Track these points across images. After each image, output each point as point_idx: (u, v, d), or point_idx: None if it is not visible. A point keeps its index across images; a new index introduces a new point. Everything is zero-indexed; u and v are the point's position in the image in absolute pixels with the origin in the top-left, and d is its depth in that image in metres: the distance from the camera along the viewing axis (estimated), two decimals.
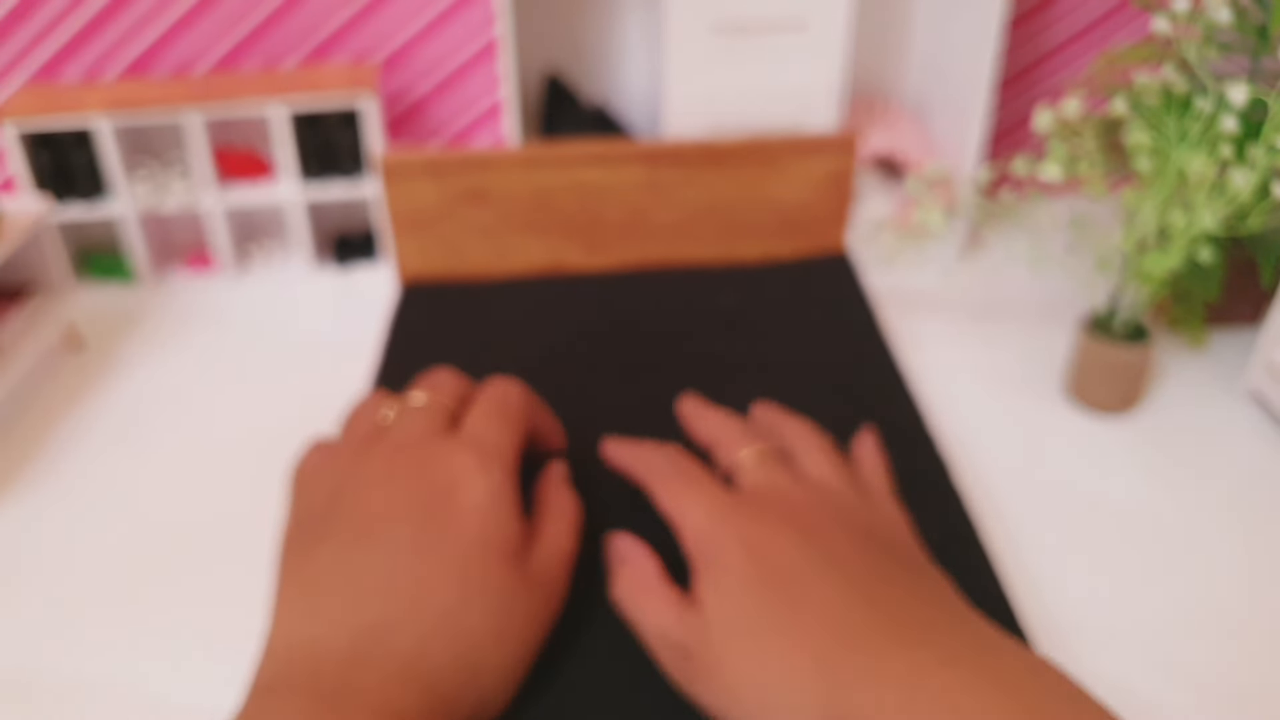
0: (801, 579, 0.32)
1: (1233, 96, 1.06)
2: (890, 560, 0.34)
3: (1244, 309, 1.30)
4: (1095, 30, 1.80)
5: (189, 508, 0.71)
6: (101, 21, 1.83)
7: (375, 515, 0.35)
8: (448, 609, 0.32)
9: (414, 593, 0.32)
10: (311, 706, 0.29)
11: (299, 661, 0.31)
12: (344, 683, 0.30)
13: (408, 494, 0.35)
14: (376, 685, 0.30)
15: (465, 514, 0.34)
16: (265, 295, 1.17)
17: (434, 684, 0.31)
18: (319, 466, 0.39)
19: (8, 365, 0.82)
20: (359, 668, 0.30)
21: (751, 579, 0.33)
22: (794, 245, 0.62)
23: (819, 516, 0.35)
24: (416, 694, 0.30)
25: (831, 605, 0.31)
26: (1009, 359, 0.77)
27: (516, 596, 0.34)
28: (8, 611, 0.65)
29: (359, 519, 0.35)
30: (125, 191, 1.28)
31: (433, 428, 0.38)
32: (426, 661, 0.31)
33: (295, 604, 0.33)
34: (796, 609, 0.31)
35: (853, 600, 0.31)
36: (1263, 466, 0.69)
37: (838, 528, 0.35)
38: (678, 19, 1.06)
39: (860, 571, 0.33)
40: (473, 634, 0.32)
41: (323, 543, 0.35)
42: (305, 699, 0.29)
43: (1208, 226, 0.75)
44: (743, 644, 0.31)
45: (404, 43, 1.91)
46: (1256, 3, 1.45)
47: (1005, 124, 1.90)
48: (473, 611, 0.33)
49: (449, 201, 0.59)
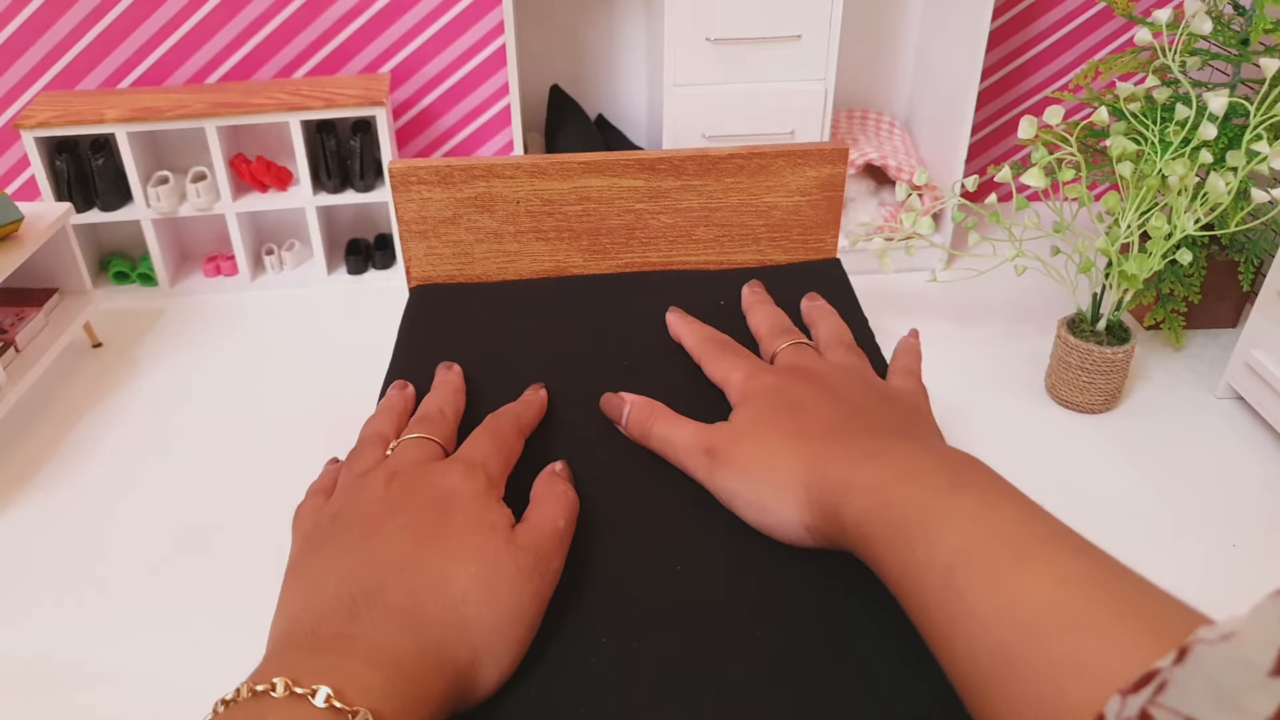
0: (809, 404, 0.43)
1: (1212, 104, 1.10)
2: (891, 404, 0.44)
3: (1223, 311, 1.33)
4: (1074, 40, 1.83)
5: (206, 503, 0.73)
6: (120, 31, 1.87)
7: (374, 519, 0.38)
8: (439, 570, 0.36)
9: (405, 562, 0.36)
10: (310, 657, 0.32)
11: (301, 627, 0.34)
12: (341, 633, 0.33)
13: (404, 501, 0.39)
14: (372, 632, 0.33)
15: (454, 509, 0.39)
16: (280, 298, 1.21)
17: (428, 634, 0.34)
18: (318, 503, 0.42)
19: (28, 365, 0.85)
20: (355, 620, 0.34)
21: (771, 403, 0.44)
22: (787, 251, 0.65)
23: (837, 378, 0.46)
24: (411, 642, 0.33)
25: (828, 417, 0.42)
26: (993, 359, 0.79)
27: (503, 558, 0.37)
28: (29, 603, 0.69)
29: (359, 524, 0.38)
30: (143, 197, 1.32)
31: (423, 454, 0.43)
32: (419, 615, 0.34)
33: (298, 590, 0.37)
34: (800, 417, 0.42)
35: (845, 416, 0.42)
36: (1241, 464, 0.72)
37: (850, 384, 0.45)
38: (675, 32, 1.09)
39: (860, 404, 0.43)
40: (464, 591, 0.35)
41: (325, 547, 0.38)
42: (305, 653, 0.32)
43: (1188, 230, 0.79)
44: (756, 437, 0.42)
45: (412, 54, 1.95)
46: (1238, 12, 1.48)
47: (985, 129, 1.93)
48: (462, 572, 0.36)
49: (457, 208, 0.62)
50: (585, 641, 0.38)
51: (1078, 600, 0.28)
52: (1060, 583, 0.29)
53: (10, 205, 1.55)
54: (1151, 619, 0.27)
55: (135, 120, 1.85)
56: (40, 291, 1.78)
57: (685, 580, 0.41)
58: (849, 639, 0.38)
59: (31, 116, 1.84)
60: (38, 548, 1.38)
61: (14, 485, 1.50)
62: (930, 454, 0.37)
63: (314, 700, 0.30)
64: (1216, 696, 0.21)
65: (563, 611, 0.39)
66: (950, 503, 0.34)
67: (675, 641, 0.38)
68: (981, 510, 0.33)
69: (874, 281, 1.94)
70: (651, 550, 0.43)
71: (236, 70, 2.01)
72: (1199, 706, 0.21)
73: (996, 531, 0.32)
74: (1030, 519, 0.33)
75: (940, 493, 0.34)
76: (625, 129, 2.16)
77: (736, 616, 0.39)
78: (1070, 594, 0.29)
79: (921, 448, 0.38)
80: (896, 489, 0.36)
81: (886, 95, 2.22)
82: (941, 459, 0.37)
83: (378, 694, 0.31)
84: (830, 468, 0.39)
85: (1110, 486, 1.44)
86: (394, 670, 0.32)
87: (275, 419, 1.63)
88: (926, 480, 0.35)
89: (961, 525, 0.33)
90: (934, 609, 0.32)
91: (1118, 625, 0.27)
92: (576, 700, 0.36)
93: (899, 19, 2.12)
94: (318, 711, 0.30)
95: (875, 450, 0.38)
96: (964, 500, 0.34)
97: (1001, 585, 0.30)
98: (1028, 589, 0.30)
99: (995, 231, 2.05)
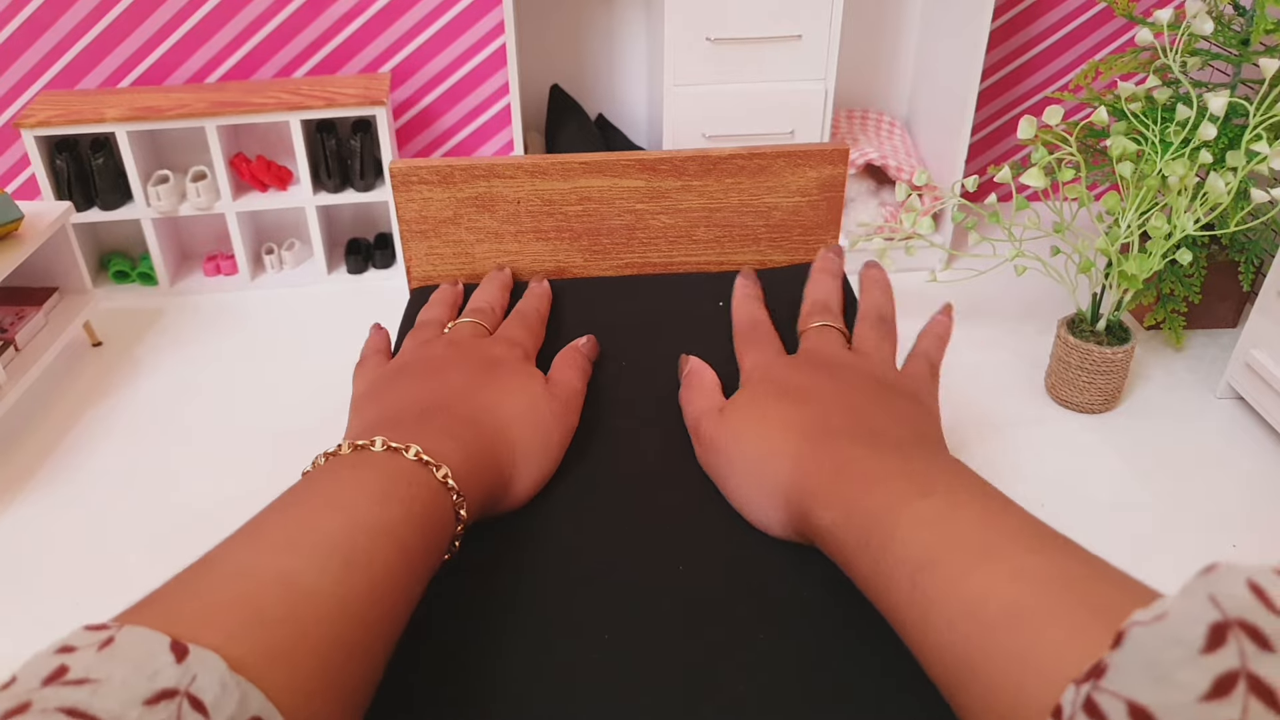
0: (806, 395, 0.44)
1: (1213, 105, 1.09)
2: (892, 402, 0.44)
3: (1223, 311, 1.33)
4: (1073, 40, 1.83)
5: (207, 502, 0.74)
6: (120, 30, 1.87)
7: (438, 366, 0.47)
8: (493, 400, 0.45)
9: (465, 392, 0.45)
10: (395, 431, 0.39)
11: (381, 423, 0.42)
12: (418, 423, 0.41)
13: (461, 359, 0.48)
14: (444, 424, 0.42)
15: (502, 367, 0.48)
16: (280, 297, 1.21)
17: (484, 439, 0.42)
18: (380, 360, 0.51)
19: (28, 364, 0.85)
20: (428, 419, 0.42)
21: (768, 391, 0.46)
22: (787, 252, 0.65)
23: (847, 372, 0.46)
24: (473, 437, 0.42)
25: (820, 413, 0.43)
26: (993, 359, 0.79)
27: (540, 400, 0.46)
28: (29, 603, 0.69)
29: (425, 368, 0.47)
30: (144, 196, 1.32)
31: (476, 333, 0.52)
32: (477, 425, 0.43)
33: (370, 409, 0.45)
34: (791, 409, 0.43)
35: (839, 413, 0.42)
36: (1241, 464, 0.72)
37: (857, 379, 0.46)
38: (675, 32, 1.09)
39: (858, 404, 0.43)
40: (511, 416, 0.45)
41: (394, 384, 0.47)
42: (390, 433, 0.39)
43: (1188, 230, 0.79)
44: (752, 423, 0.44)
45: (412, 53, 1.95)
46: (1238, 13, 1.48)
47: (985, 129, 1.93)
48: (510, 403, 0.45)
49: (457, 208, 0.62)
50: (586, 641, 0.38)
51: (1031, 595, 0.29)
52: (1015, 579, 0.30)
53: (10, 204, 1.55)
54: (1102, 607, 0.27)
55: (135, 119, 1.85)
56: (40, 290, 1.78)
57: (687, 579, 0.41)
58: (852, 639, 0.38)
59: (32, 115, 1.84)
60: (38, 547, 1.38)
61: (14, 485, 1.50)
62: (902, 461, 0.38)
63: (407, 454, 0.37)
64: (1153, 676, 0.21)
65: (565, 610, 0.40)
66: (915, 508, 0.35)
67: (676, 641, 0.38)
68: (947, 513, 0.34)
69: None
70: (654, 549, 0.43)
71: (237, 69, 2.01)
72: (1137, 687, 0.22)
73: (959, 533, 0.33)
74: (995, 517, 0.33)
75: (907, 498, 0.35)
76: (625, 129, 2.16)
77: (738, 617, 0.39)
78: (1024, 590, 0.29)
79: (895, 455, 0.39)
80: (865, 497, 0.37)
81: (886, 95, 2.22)
82: (911, 465, 0.38)
83: (453, 459, 0.39)
84: (807, 476, 0.40)
85: (1110, 486, 1.44)
86: (462, 449, 0.40)
87: (275, 418, 1.63)
88: (893, 486, 0.36)
89: (925, 530, 0.34)
90: (903, 612, 0.33)
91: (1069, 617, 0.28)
92: (577, 699, 0.36)
93: (899, 19, 2.12)
94: (410, 462, 0.37)
95: (850, 459, 0.39)
96: (929, 505, 0.35)
97: (961, 585, 0.31)
98: (985, 588, 0.30)
99: (995, 231, 2.05)
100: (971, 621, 0.30)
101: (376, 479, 0.36)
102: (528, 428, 0.44)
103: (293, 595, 0.30)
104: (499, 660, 0.38)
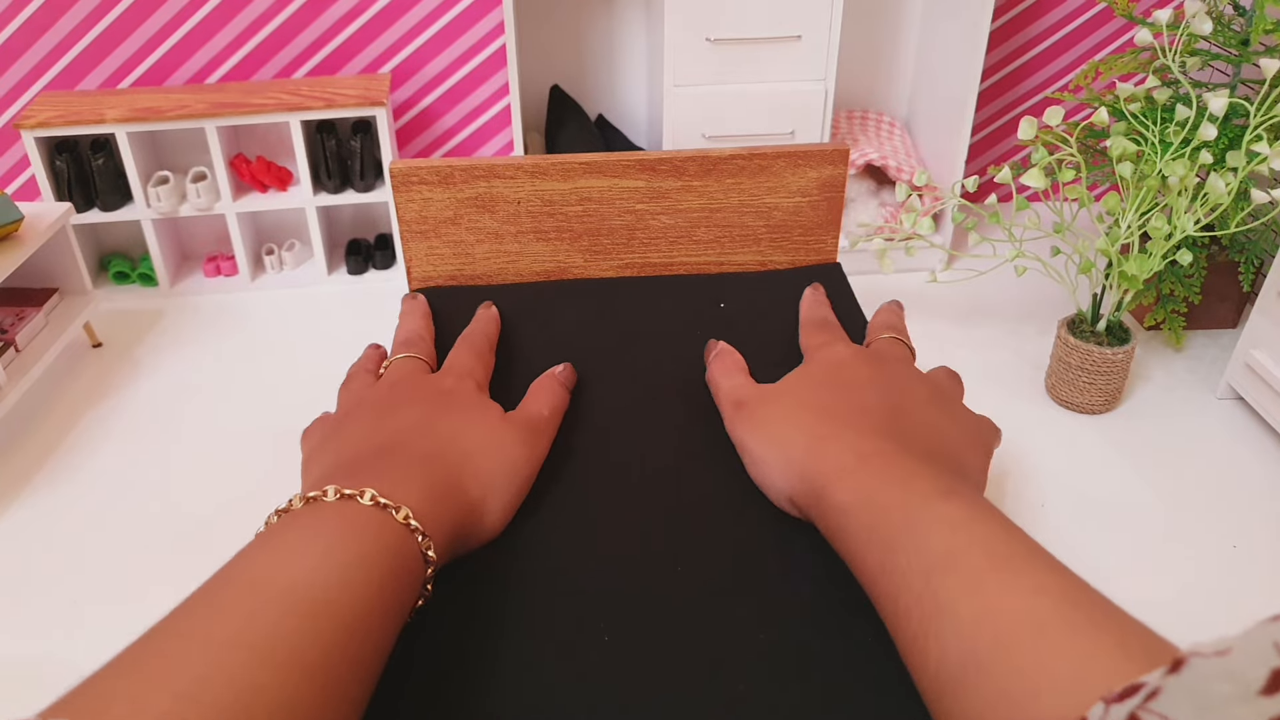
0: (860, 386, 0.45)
1: (1212, 105, 1.09)
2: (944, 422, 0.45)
3: (1224, 311, 1.33)
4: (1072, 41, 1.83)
5: (207, 502, 0.73)
6: (120, 31, 1.87)
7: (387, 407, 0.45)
8: (451, 431, 0.43)
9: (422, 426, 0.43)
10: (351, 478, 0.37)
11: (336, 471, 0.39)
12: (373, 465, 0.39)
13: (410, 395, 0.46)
14: (400, 462, 0.39)
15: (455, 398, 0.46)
16: (280, 298, 1.21)
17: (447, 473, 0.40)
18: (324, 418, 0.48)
19: (28, 365, 0.85)
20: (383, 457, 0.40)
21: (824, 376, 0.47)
22: (787, 252, 0.65)
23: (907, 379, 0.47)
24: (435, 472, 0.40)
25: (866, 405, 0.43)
26: (993, 360, 0.79)
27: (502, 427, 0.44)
28: (29, 603, 0.69)
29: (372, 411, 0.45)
30: (144, 197, 1.32)
31: (415, 367, 0.50)
32: (438, 460, 0.41)
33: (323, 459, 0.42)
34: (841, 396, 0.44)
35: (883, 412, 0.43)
36: (1241, 465, 0.72)
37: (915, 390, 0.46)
38: (675, 32, 1.09)
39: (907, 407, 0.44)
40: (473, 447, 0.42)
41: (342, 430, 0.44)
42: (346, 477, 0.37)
43: (1188, 230, 0.79)
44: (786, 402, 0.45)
45: (412, 54, 1.95)
46: (1238, 13, 1.48)
47: (985, 130, 1.93)
48: (470, 434, 0.43)
49: (457, 208, 0.62)
50: (588, 641, 0.38)
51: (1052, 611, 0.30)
52: (1037, 593, 0.30)
53: (10, 205, 1.55)
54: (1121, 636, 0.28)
55: (135, 120, 1.85)
56: (40, 291, 1.78)
57: (688, 579, 0.41)
58: (852, 640, 0.38)
59: (32, 116, 1.84)
60: (38, 547, 1.38)
61: (14, 485, 1.50)
62: (930, 467, 0.39)
63: (362, 499, 0.35)
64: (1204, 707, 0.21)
65: (565, 609, 0.40)
66: (937, 508, 0.35)
67: (678, 641, 0.38)
68: (967, 519, 0.34)
69: (874, 282, 1.94)
70: (654, 549, 0.43)
71: (237, 70, 2.01)
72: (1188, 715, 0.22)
73: (979, 540, 0.33)
74: (1012, 535, 0.34)
75: (929, 498, 0.36)
76: (625, 129, 2.16)
77: (739, 617, 0.39)
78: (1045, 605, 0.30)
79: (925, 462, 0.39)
80: (885, 489, 0.37)
81: (886, 95, 2.22)
82: (938, 473, 0.38)
83: (413, 499, 0.37)
84: (830, 453, 0.40)
85: (1110, 487, 1.44)
86: (422, 488, 0.38)
87: (275, 419, 1.63)
88: (917, 485, 0.37)
89: (946, 531, 0.34)
90: (909, 609, 0.33)
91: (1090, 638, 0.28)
92: (579, 699, 0.36)
93: (899, 19, 2.12)
94: (366, 507, 0.35)
95: (879, 451, 0.40)
96: (951, 507, 0.35)
97: (979, 591, 0.31)
98: (1005, 597, 0.31)
99: (995, 232, 2.05)
100: (989, 625, 0.30)
101: (332, 530, 0.34)
102: (492, 457, 0.42)
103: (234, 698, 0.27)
104: (497, 661, 0.38)
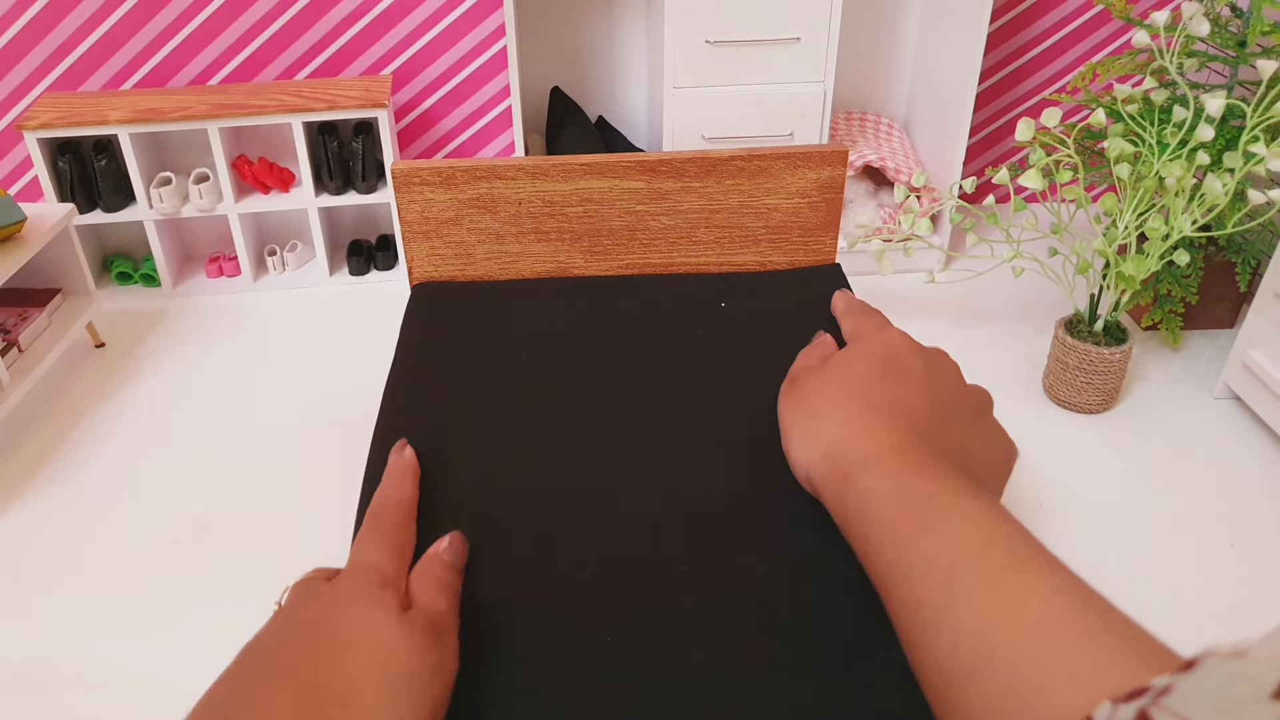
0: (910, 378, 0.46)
1: (1210, 106, 1.10)
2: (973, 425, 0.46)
3: (1221, 312, 1.33)
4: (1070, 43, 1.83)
5: (208, 503, 0.73)
6: (123, 33, 1.88)
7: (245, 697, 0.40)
8: (328, 657, 0.38)
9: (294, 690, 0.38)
10: None
11: None
12: None
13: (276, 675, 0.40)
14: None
15: (339, 614, 0.40)
16: (282, 299, 1.21)
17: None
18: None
19: (31, 365, 0.85)
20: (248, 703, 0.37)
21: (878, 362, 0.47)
22: (787, 252, 0.66)
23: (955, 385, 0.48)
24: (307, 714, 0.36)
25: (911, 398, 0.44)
26: (991, 360, 0.79)
27: (391, 638, 0.39)
28: (29, 602, 0.69)
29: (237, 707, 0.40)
30: (146, 198, 1.32)
31: (310, 589, 0.43)
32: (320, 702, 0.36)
33: None
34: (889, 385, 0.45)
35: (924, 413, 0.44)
36: (1239, 464, 0.72)
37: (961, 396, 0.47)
38: (675, 34, 1.09)
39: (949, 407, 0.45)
40: (356, 666, 0.37)
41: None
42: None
43: (1185, 231, 0.79)
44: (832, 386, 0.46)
45: (413, 56, 1.95)
46: (1235, 14, 1.49)
47: (983, 131, 1.93)
48: (348, 655, 0.38)
49: (459, 209, 0.62)
50: (589, 641, 0.39)
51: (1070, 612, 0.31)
52: (1055, 593, 0.32)
53: (13, 206, 1.56)
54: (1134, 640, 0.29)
55: (138, 122, 1.86)
56: (43, 292, 1.78)
57: (689, 582, 0.41)
58: (853, 642, 0.39)
59: (34, 118, 1.84)
60: (39, 547, 1.39)
61: (16, 485, 1.51)
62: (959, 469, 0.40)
63: None
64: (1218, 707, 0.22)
65: (568, 613, 0.40)
66: (964, 504, 0.36)
67: (678, 643, 0.39)
68: (991, 518, 0.36)
69: (872, 283, 1.94)
70: (656, 553, 0.43)
71: (239, 72, 2.02)
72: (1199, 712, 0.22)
73: (1001, 539, 0.35)
74: (1030, 538, 0.35)
75: (957, 493, 0.37)
76: (626, 131, 2.17)
77: (739, 619, 0.40)
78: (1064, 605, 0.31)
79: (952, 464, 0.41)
80: (916, 479, 0.38)
81: (885, 97, 2.22)
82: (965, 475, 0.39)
83: None
84: (864, 441, 0.42)
85: (1108, 486, 1.45)
86: None
87: (277, 419, 1.64)
88: (945, 480, 0.38)
89: (970, 526, 0.35)
90: (922, 600, 0.34)
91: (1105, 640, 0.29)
92: (580, 699, 0.36)
93: (898, 21, 2.12)
94: None
95: (911, 447, 0.41)
96: (977, 505, 0.36)
97: (999, 587, 0.32)
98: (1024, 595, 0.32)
99: (993, 233, 2.05)
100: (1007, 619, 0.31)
101: None
102: (378, 681, 0.37)
103: None
104: (500, 661, 0.38)
